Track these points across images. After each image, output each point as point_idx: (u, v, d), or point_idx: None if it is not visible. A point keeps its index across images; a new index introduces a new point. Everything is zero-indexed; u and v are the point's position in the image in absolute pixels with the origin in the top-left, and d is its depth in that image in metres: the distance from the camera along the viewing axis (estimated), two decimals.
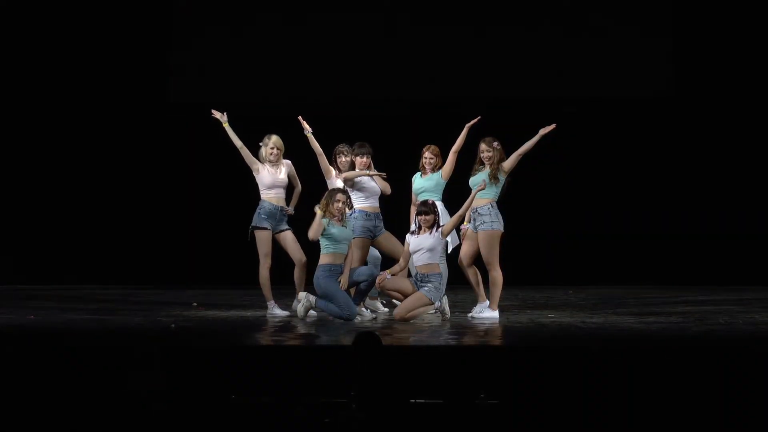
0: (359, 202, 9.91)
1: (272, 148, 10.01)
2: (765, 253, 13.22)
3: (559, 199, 13.41)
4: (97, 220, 13.57)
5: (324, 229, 9.46)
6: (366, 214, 9.90)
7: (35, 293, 12.20)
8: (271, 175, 9.97)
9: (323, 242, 9.53)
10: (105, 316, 10.07)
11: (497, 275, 9.65)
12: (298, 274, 9.90)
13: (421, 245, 9.61)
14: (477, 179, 9.72)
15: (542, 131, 9.78)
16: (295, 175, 10.11)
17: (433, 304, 9.63)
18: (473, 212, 9.72)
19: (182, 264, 13.15)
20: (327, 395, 6.73)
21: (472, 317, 9.74)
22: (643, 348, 8.00)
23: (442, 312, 9.75)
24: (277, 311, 9.90)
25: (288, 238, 9.97)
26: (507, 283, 10.12)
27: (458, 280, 10.56)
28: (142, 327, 9.32)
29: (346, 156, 10.08)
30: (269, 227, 9.90)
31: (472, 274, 9.83)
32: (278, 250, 9.99)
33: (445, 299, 9.76)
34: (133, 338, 8.62)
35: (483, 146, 9.79)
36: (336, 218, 9.52)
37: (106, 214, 13.57)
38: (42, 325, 9.41)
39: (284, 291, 10.35)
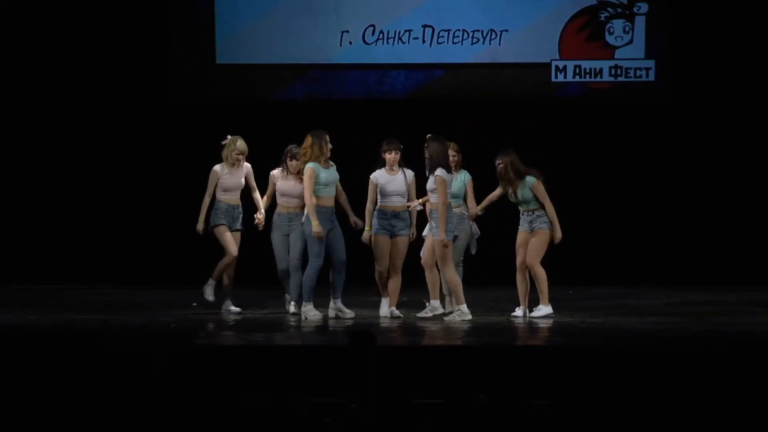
0: (379, 201, 9.99)
1: (238, 154, 10.11)
2: (765, 253, 13.22)
3: (558, 199, 13.38)
4: (97, 220, 13.56)
5: (316, 176, 9.76)
6: (382, 212, 9.94)
7: (35, 293, 12.19)
8: (232, 177, 10.15)
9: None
10: (105, 316, 10.07)
11: (542, 272, 9.90)
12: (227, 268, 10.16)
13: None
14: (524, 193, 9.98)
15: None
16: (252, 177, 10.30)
17: (451, 242, 9.66)
18: (529, 214, 9.96)
19: (182, 264, 13.13)
20: (327, 395, 6.73)
21: (530, 316, 9.86)
22: (643, 348, 8.00)
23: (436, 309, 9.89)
24: (209, 292, 10.17)
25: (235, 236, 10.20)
26: (507, 283, 10.14)
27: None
28: (142, 327, 9.32)
29: (298, 159, 10.15)
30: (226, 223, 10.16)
31: (524, 281, 9.98)
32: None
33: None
34: (133, 338, 8.62)
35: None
36: (322, 161, 9.80)
37: (106, 215, 13.56)
38: (42, 325, 9.41)
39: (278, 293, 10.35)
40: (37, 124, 13.56)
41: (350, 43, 13.48)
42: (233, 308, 10.22)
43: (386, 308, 9.91)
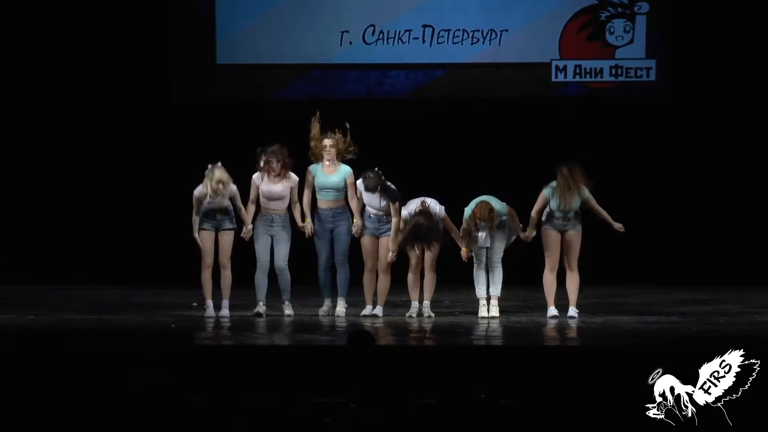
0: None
1: (218, 183, 9.97)
2: (765, 253, 13.21)
3: None
4: (97, 220, 13.56)
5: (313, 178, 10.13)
6: (368, 215, 10.07)
7: (35, 293, 12.19)
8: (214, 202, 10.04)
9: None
10: (105, 316, 10.07)
11: (577, 275, 9.97)
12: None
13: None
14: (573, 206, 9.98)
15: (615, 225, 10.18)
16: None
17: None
18: (566, 215, 9.96)
19: (182, 264, 13.14)
20: (326, 395, 6.74)
21: (572, 316, 9.86)
22: (643, 348, 8.00)
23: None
24: (210, 311, 10.05)
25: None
26: (508, 282, 10.13)
27: (457, 279, 10.57)
28: (142, 327, 9.33)
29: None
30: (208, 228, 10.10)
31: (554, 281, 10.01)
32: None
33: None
34: (133, 338, 8.63)
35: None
36: (326, 166, 10.05)
37: (106, 214, 13.56)
38: (42, 325, 9.42)
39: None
40: (37, 125, 13.56)
41: (350, 43, 13.49)
42: (216, 312, 10.08)
43: (369, 310, 10.06)
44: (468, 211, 9.90)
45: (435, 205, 9.84)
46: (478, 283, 10.01)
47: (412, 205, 9.83)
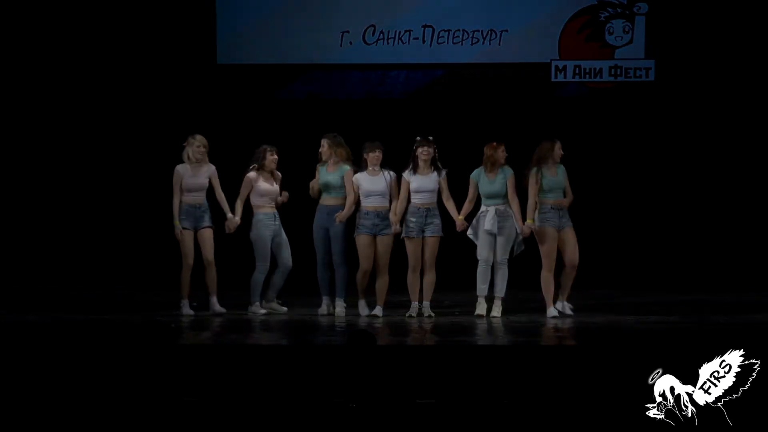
0: (361, 201, 10.12)
1: (198, 147, 10.23)
2: (765, 254, 13.21)
3: None
4: (97, 220, 13.56)
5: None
6: (365, 213, 10.07)
7: (35, 293, 12.19)
8: (195, 178, 10.27)
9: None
10: (105, 316, 10.08)
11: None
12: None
13: (425, 187, 9.99)
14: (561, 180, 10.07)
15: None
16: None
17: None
18: (560, 210, 9.99)
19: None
20: (326, 395, 6.74)
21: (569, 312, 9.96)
22: (642, 348, 8.01)
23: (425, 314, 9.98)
24: (186, 310, 10.23)
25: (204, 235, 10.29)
26: (508, 283, 10.12)
27: (457, 279, 10.56)
28: (142, 327, 9.33)
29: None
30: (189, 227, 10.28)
31: (554, 279, 10.06)
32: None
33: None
34: (133, 338, 8.63)
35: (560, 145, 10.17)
36: (329, 165, 10.21)
37: (106, 214, 13.56)
38: (42, 325, 9.42)
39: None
40: (37, 125, 13.56)
41: (350, 43, 13.49)
42: (188, 310, 10.28)
43: (364, 309, 10.06)
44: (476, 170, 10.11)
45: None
46: (481, 281, 10.02)
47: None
